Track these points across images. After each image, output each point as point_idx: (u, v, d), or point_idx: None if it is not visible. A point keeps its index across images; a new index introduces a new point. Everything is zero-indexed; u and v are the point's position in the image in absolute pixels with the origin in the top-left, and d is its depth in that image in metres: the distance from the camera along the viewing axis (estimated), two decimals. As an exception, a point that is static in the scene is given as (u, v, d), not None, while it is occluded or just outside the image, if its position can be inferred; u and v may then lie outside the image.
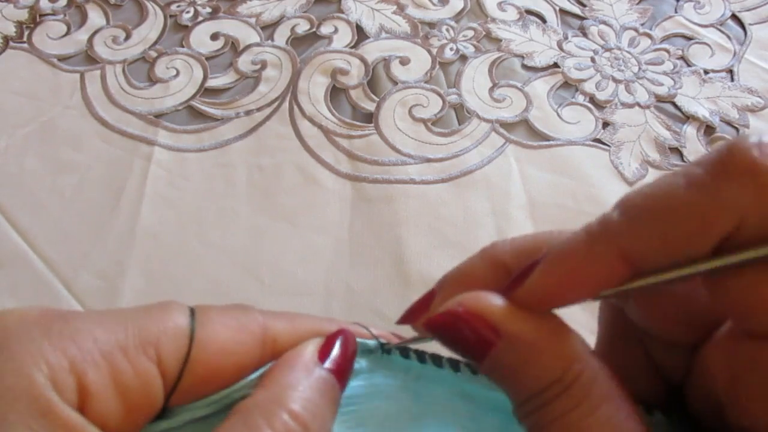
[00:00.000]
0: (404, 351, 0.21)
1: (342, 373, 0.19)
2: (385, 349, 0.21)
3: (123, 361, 0.16)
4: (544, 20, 0.58)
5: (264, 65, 0.52)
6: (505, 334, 0.16)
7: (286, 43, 0.54)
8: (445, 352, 0.18)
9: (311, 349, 0.19)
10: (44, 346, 0.15)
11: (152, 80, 0.51)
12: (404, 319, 0.20)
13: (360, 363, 0.20)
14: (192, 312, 0.18)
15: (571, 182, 0.45)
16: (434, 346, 0.19)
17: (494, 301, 0.16)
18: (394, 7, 0.58)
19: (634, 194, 0.15)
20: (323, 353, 0.19)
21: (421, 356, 0.21)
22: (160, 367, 0.17)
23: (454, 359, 0.20)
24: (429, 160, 0.46)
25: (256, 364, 0.18)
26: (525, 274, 0.16)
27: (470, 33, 0.56)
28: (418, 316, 0.19)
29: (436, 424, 0.20)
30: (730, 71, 0.54)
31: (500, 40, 0.55)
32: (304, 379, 0.18)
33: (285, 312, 0.21)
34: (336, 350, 0.19)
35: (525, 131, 0.49)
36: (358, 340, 0.20)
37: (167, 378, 0.17)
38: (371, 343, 0.21)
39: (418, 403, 0.20)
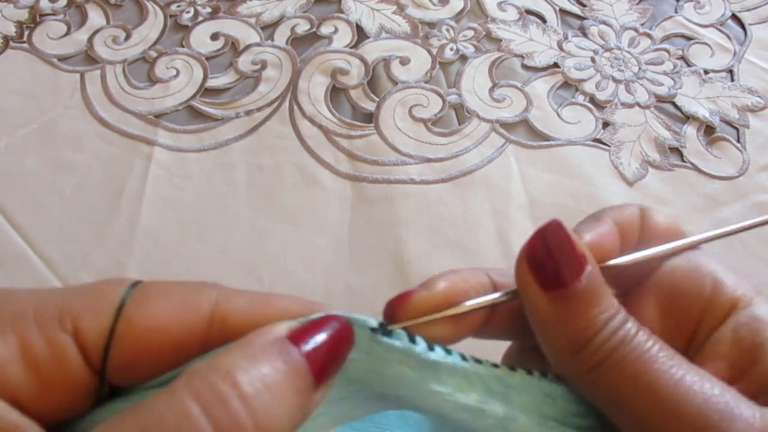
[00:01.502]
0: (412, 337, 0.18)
1: (320, 366, 0.15)
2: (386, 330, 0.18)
3: (33, 331, 0.15)
4: (544, 20, 0.58)
5: (264, 65, 0.52)
6: (591, 260, 0.18)
7: (286, 43, 0.54)
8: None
9: (284, 326, 0.16)
10: None
11: (152, 80, 0.51)
12: (393, 305, 0.19)
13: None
14: (133, 286, 0.17)
15: (571, 182, 0.45)
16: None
17: (576, 234, 0.19)
18: (394, 7, 0.58)
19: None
20: (300, 335, 0.15)
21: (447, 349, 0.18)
22: (79, 340, 0.16)
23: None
24: (429, 160, 0.46)
25: (199, 344, 0.16)
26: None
27: (470, 33, 0.56)
28: (398, 306, 0.18)
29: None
30: (730, 71, 0.54)
31: (500, 40, 0.55)
32: (263, 352, 0.15)
33: (261, 293, 0.18)
34: (320, 337, 0.16)
35: (525, 131, 0.49)
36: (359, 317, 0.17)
37: (90, 353, 0.16)
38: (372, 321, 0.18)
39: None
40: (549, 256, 0.18)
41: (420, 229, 0.42)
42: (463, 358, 0.19)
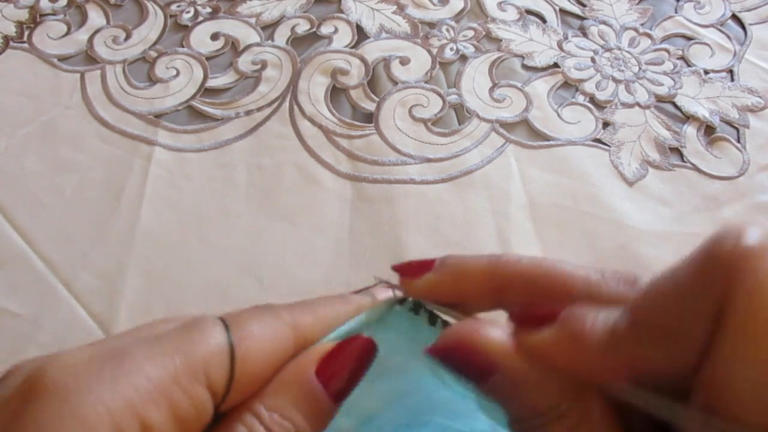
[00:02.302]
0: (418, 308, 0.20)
1: (339, 387, 0.18)
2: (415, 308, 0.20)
3: (178, 393, 0.16)
4: (544, 20, 0.58)
5: (264, 65, 0.52)
6: (503, 368, 0.17)
7: (286, 43, 0.54)
8: None
9: (311, 357, 0.18)
10: (103, 393, 0.15)
11: (152, 80, 0.51)
12: (398, 269, 0.21)
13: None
14: (225, 325, 0.18)
15: (571, 182, 0.45)
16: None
17: (494, 334, 0.17)
18: (394, 7, 0.58)
19: (641, 301, 0.15)
20: (325, 363, 0.18)
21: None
22: (210, 389, 0.17)
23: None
24: (429, 160, 0.46)
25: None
26: (536, 318, 0.17)
27: (470, 33, 0.56)
28: (410, 273, 0.20)
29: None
30: (730, 71, 0.54)
31: (500, 40, 0.55)
32: (290, 389, 0.18)
33: (307, 302, 0.20)
34: (342, 364, 0.19)
35: (525, 131, 0.49)
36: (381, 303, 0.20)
37: (215, 396, 0.17)
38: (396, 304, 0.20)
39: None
40: (453, 364, 0.18)
41: (420, 229, 0.42)
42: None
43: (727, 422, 0.14)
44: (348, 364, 0.19)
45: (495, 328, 0.17)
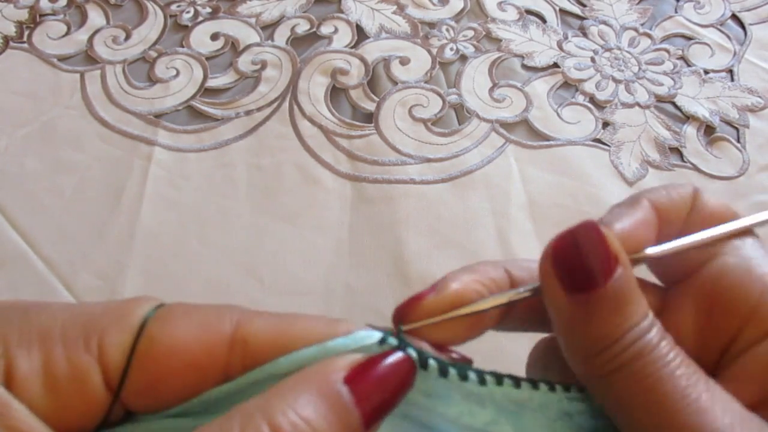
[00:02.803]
0: (445, 368, 0.17)
1: (372, 406, 0.15)
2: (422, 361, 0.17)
3: (58, 350, 0.15)
4: (544, 20, 0.58)
5: (264, 65, 0.52)
6: (623, 261, 0.17)
7: (286, 43, 0.54)
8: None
9: (342, 363, 0.16)
10: None
11: (152, 80, 0.51)
12: (403, 309, 0.18)
13: None
14: (158, 308, 0.17)
15: (571, 182, 0.45)
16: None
17: (609, 230, 0.17)
18: (394, 7, 0.58)
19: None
20: (359, 374, 0.15)
21: (481, 375, 0.17)
22: (103, 360, 0.16)
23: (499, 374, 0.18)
24: (429, 160, 0.46)
25: (221, 366, 0.16)
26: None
27: (470, 33, 0.56)
28: (415, 305, 0.18)
29: None
30: (730, 71, 0.54)
31: (500, 40, 0.55)
32: (311, 394, 0.15)
33: (280, 314, 0.18)
34: (379, 378, 0.16)
35: (525, 131, 0.49)
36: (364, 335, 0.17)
37: (111, 374, 0.16)
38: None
39: None
40: (578, 258, 0.17)
41: (420, 229, 0.42)
42: (481, 378, 0.17)
43: None
44: (387, 380, 0.16)
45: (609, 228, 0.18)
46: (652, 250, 0.19)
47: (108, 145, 0.46)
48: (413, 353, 0.17)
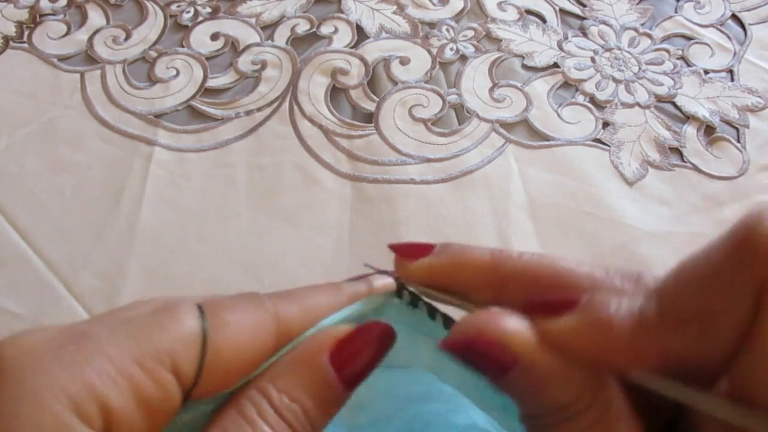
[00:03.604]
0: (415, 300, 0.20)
1: (352, 375, 0.18)
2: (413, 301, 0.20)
3: (141, 375, 0.16)
4: (544, 20, 0.58)
5: (264, 65, 0.52)
6: (522, 361, 0.16)
7: (286, 43, 0.54)
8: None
9: (326, 340, 0.18)
10: (61, 375, 0.15)
11: (152, 80, 0.51)
12: (396, 249, 0.20)
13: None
14: (201, 311, 0.17)
15: (571, 182, 0.45)
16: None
17: (513, 325, 0.16)
18: (394, 7, 0.58)
19: (671, 287, 0.15)
20: (340, 348, 0.18)
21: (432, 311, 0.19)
22: (176, 375, 0.16)
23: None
24: (429, 160, 0.46)
25: (271, 355, 0.18)
26: (553, 306, 0.16)
27: (470, 33, 0.56)
28: (408, 254, 0.20)
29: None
30: (730, 71, 0.54)
31: (500, 40, 0.55)
32: (302, 376, 0.17)
33: (295, 291, 0.20)
34: (355, 348, 0.18)
35: (525, 131, 0.49)
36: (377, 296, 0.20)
37: (184, 383, 0.16)
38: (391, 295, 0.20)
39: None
40: (469, 360, 0.16)
41: (420, 229, 0.42)
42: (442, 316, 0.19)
43: (760, 410, 0.13)
44: (365, 350, 0.18)
45: (513, 318, 0.16)
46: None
47: (108, 145, 0.46)
48: (422, 306, 0.19)
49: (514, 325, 0.16)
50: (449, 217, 0.43)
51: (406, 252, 0.20)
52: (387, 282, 0.21)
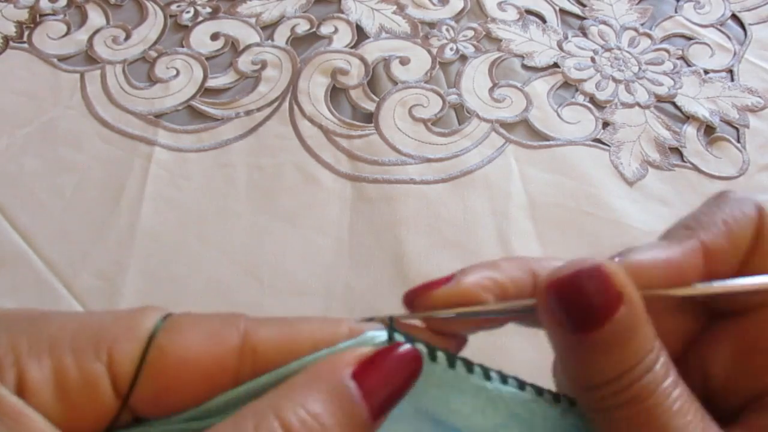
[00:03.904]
0: (452, 360, 0.17)
1: (379, 399, 0.15)
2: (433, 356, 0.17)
3: (68, 359, 0.16)
4: (544, 20, 0.58)
5: (264, 65, 0.52)
6: (628, 299, 0.16)
7: (286, 43, 0.54)
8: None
9: (350, 358, 0.16)
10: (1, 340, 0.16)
11: (152, 80, 0.51)
12: (415, 293, 0.18)
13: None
14: (165, 318, 0.17)
15: (571, 182, 0.45)
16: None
17: (618, 265, 0.16)
18: (394, 7, 0.58)
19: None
20: (364, 368, 0.16)
21: (486, 371, 0.17)
22: (112, 369, 0.16)
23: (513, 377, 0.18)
24: (429, 160, 0.46)
25: (230, 375, 0.17)
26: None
27: (470, 33, 0.56)
28: (427, 292, 0.18)
29: None
30: (730, 71, 0.54)
31: (500, 40, 0.55)
32: (319, 391, 0.15)
33: (283, 318, 0.18)
34: (386, 371, 0.16)
35: (525, 131, 0.49)
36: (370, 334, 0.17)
37: (121, 381, 0.16)
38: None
39: None
40: (577, 298, 0.16)
41: (420, 229, 0.42)
42: (486, 373, 0.17)
43: None
44: (394, 373, 0.16)
45: (614, 262, 0.16)
46: (678, 291, 0.17)
47: (108, 145, 0.46)
48: (422, 346, 0.17)
49: (617, 265, 0.16)
50: (449, 217, 0.43)
51: (419, 293, 0.19)
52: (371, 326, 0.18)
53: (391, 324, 0.18)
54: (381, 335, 0.17)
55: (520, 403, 0.18)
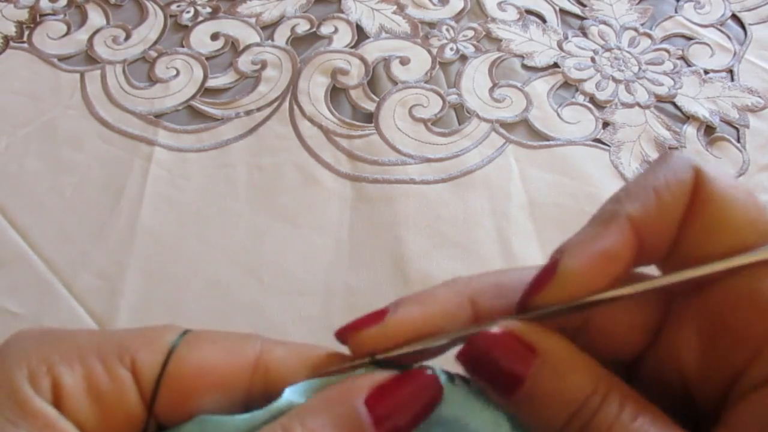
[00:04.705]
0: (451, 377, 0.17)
1: (390, 428, 0.15)
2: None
3: (98, 366, 0.17)
4: (544, 20, 0.58)
5: (264, 65, 0.52)
6: (542, 350, 0.15)
7: (286, 43, 0.54)
8: None
9: (365, 383, 0.16)
10: (29, 352, 0.17)
11: (152, 80, 0.51)
12: (346, 329, 0.18)
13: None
14: (184, 333, 0.18)
15: (571, 182, 0.45)
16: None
17: (520, 321, 0.16)
18: (394, 7, 0.58)
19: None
20: (378, 394, 0.16)
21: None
22: (136, 377, 0.17)
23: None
24: (429, 160, 0.46)
25: (243, 389, 0.17)
26: (542, 279, 0.16)
27: (470, 33, 0.56)
28: (360, 328, 0.18)
29: None
30: (730, 71, 0.54)
31: (500, 40, 0.55)
32: (331, 416, 0.15)
33: (301, 344, 0.19)
34: (395, 397, 0.16)
35: (525, 131, 0.49)
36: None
37: (144, 391, 0.17)
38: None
39: None
40: (486, 366, 0.16)
41: (420, 229, 0.42)
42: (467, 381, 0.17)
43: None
44: (409, 401, 0.16)
45: (516, 319, 0.16)
46: (612, 293, 0.16)
47: (108, 145, 0.46)
48: (441, 373, 0.17)
49: (519, 323, 0.16)
50: (449, 217, 0.43)
51: (352, 329, 0.18)
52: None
53: (375, 361, 0.18)
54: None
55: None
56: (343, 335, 0.18)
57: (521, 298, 0.17)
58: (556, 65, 0.54)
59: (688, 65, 0.54)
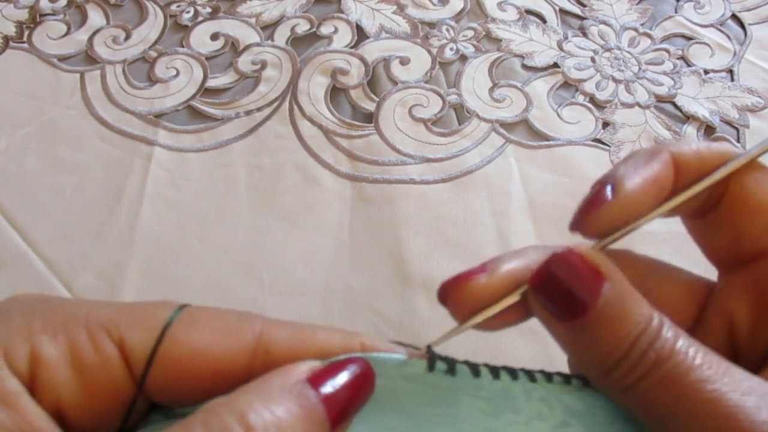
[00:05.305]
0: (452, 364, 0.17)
1: (338, 410, 0.16)
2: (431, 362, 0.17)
3: (83, 336, 0.16)
4: (544, 20, 0.58)
5: (264, 65, 0.52)
6: (610, 275, 0.16)
7: (286, 43, 0.54)
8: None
9: (306, 367, 0.16)
10: (12, 317, 0.16)
11: (152, 80, 0.51)
12: (448, 289, 0.18)
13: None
14: (181, 308, 0.17)
15: (571, 182, 0.45)
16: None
17: (590, 249, 0.17)
18: (394, 7, 0.58)
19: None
20: (321, 377, 0.16)
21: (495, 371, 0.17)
22: (124, 353, 0.16)
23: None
24: (429, 160, 0.46)
25: (242, 372, 0.17)
26: (596, 200, 0.18)
27: (470, 33, 0.56)
28: (462, 284, 0.18)
29: None
30: (730, 71, 0.54)
31: (500, 40, 0.55)
32: (277, 389, 0.15)
33: (301, 324, 0.18)
34: (340, 380, 0.16)
35: (525, 131, 0.49)
36: (392, 356, 0.17)
37: (135, 367, 0.16)
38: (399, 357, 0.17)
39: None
40: (559, 288, 0.16)
41: (420, 229, 0.42)
42: (531, 378, 0.17)
43: None
44: (346, 385, 0.16)
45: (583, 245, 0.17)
46: (650, 216, 0.18)
47: (108, 145, 0.46)
48: (463, 366, 0.17)
49: (586, 247, 0.17)
50: (449, 217, 0.43)
51: (454, 286, 0.18)
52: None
53: (431, 353, 0.18)
54: (393, 357, 0.17)
55: (573, 396, 0.17)
56: (449, 291, 0.18)
57: (575, 218, 0.19)
58: (556, 65, 0.54)
59: (688, 65, 0.54)
